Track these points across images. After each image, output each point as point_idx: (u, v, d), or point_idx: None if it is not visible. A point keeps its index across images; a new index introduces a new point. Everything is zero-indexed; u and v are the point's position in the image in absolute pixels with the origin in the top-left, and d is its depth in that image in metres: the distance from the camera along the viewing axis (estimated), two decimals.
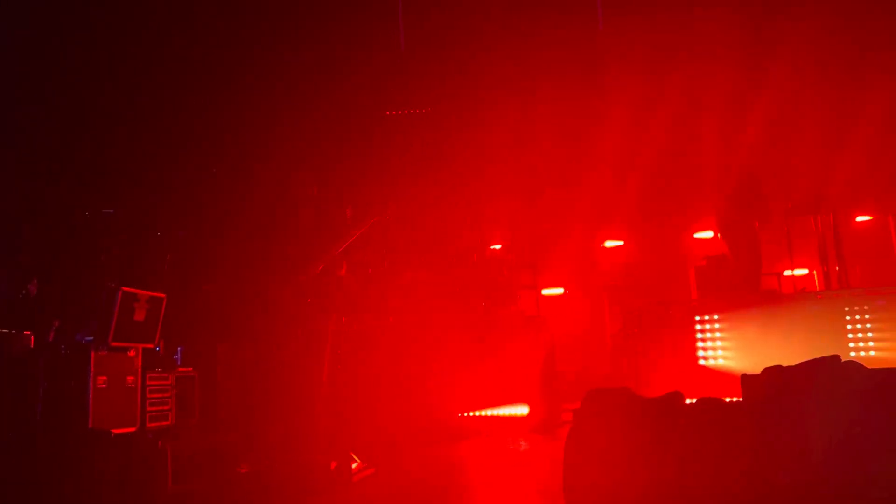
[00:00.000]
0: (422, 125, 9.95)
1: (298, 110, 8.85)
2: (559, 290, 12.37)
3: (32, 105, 7.25)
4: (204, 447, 6.67)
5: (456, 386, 7.35)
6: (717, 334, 7.23)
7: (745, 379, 3.33)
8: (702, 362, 7.18)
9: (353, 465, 4.57)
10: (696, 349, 7.22)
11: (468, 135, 9.73)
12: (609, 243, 12.51)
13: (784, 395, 3.11)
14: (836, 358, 3.26)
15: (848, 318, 7.02)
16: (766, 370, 3.24)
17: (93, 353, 7.22)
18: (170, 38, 7.53)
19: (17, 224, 7.60)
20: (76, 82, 7.26)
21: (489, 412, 7.21)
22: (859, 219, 10.50)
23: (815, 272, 10.22)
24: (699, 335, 7.27)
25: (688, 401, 3.49)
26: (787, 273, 9.47)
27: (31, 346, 7.17)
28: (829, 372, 3.19)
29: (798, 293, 8.64)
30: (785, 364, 3.37)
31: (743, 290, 8.10)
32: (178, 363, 8.45)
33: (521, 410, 7.11)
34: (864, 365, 3.23)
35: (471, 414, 7.23)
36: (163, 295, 8.01)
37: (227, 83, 8.15)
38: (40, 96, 7.20)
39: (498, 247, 9.34)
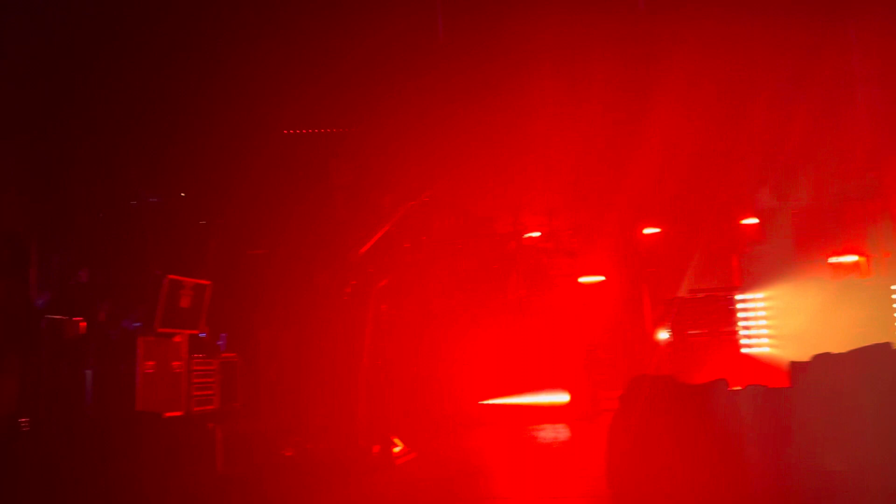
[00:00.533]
0: (460, 111, 9.90)
1: (335, 100, 8.89)
2: (599, 278, 12.28)
3: (83, 99, 7.41)
4: (248, 431, 6.81)
5: (494, 373, 7.36)
6: (762, 322, 7.11)
7: (794, 366, 3.27)
8: (745, 350, 7.08)
9: (396, 449, 4.61)
10: (739, 337, 7.11)
11: (509, 119, 9.65)
12: (648, 230, 12.37)
13: (835, 381, 3.05)
14: (887, 345, 3.19)
15: None
16: (816, 357, 3.19)
17: (140, 339, 7.41)
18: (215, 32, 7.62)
19: (68, 214, 7.80)
20: (126, 74, 7.40)
21: (528, 399, 7.21)
22: None
23: (862, 259, 9.95)
24: (742, 323, 7.16)
25: (733, 388, 3.45)
26: (833, 260, 9.25)
27: (82, 331, 7.38)
28: (880, 359, 3.13)
29: (845, 280, 8.45)
30: (834, 352, 3.31)
31: (786, 277, 7.97)
32: (223, 349, 8.62)
33: (562, 398, 7.09)
34: None
35: (508, 401, 7.23)
36: (208, 282, 8.16)
37: (266, 73, 8.22)
38: (91, 91, 7.37)
39: (537, 234, 9.28)
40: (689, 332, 7.00)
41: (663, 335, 7.46)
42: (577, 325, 7.36)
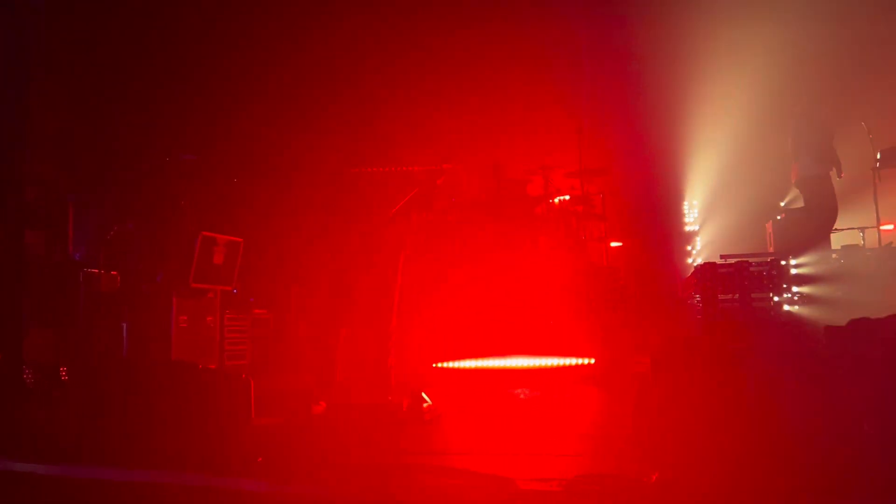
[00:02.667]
0: (485, 76, 9.80)
1: (359, 67, 8.83)
2: (621, 244, 12.22)
3: (121, 52, 7.47)
4: (279, 387, 6.95)
5: (520, 335, 7.36)
6: (795, 288, 7.03)
7: (829, 331, 3.24)
8: (776, 315, 7.01)
9: (424, 406, 4.67)
10: (771, 303, 7.05)
11: (535, 78, 9.54)
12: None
13: (871, 347, 3.02)
14: None
15: None
16: (852, 322, 3.15)
17: (175, 294, 7.56)
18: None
19: (105, 169, 7.93)
20: (161, 28, 7.44)
21: (554, 361, 7.20)
22: None
23: None
24: (774, 289, 7.08)
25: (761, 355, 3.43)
26: (871, 228, 9.08)
27: (118, 285, 7.55)
28: None
29: (884, 247, 8.29)
30: (872, 317, 3.27)
31: (820, 244, 7.85)
32: (254, 305, 8.77)
33: (588, 360, 7.08)
34: None
35: (534, 362, 7.20)
36: (240, 239, 8.27)
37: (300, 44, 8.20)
38: (128, 45, 7.42)
39: (566, 197, 9.21)
40: (720, 297, 6.94)
41: (694, 300, 7.40)
42: (607, 289, 7.33)
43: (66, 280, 6.99)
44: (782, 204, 10.37)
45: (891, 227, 10.33)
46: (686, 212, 12.94)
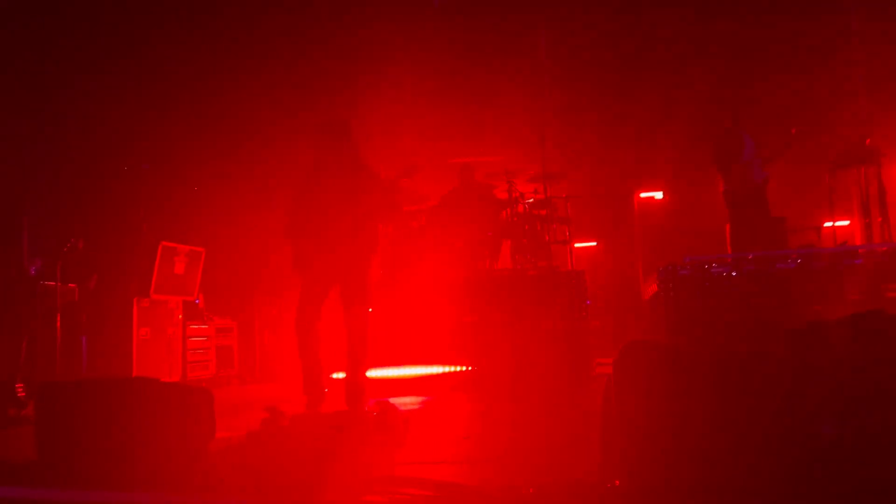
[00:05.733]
0: (447, 75, 9.80)
1: (322, 73, 8.79)
2: (592, 244, 12.33)
3: (75, 63, 7.31)
4: (244, 397, 6.87)
5: (488, 339, 7.36)
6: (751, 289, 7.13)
7: (788, 334, 3.28)
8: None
9: (396, 413, 4.65)
10: (730, 304, 7.14)
11: (500, 78, 9.58)
12: (644, 194, 12.40)
13: (825, 349, 3.07)
14: (881, 312, 3.20)
15: None
16: (809, 324, 3.20)
17: (135, 306, 7.43)
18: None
19: (60, 181, 7.75)
20: (115, 37, 7.30)
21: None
22: None
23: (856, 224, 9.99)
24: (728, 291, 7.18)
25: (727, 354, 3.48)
26: (827, 225, 9.28)
27: (76, 298, 7.39)
28: (872, 327, 3.14)
29: (839, 247, 8.49)
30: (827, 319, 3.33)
31: (771, 245, 7.97)
32: (218, 315, 8.65)
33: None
34: None
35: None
36: (201, 249, 8.16)
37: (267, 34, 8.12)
38: (82, 56, 7.26)
39: (531, 201, 9.25)
40: (686, 299, 7.03)
41: (657, 301, 7.49)
42: (570, 292, 7.37)
43: (22, 294, 6.83)
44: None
45: (847, 222, 10.59)
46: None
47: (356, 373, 5.10)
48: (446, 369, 7.03)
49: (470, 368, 7.00)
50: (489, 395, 6.62)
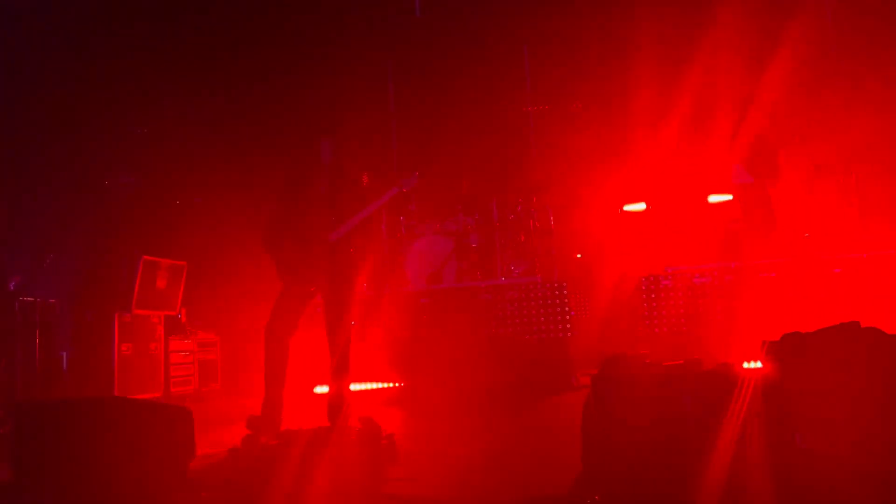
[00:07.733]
0: (439, 84, 9.84)
1: (313, 74, 8.79)
2: (577, 256, 12.34)
3: (52, 77, 7.27)
4: (228, 411, 6.81)
5: (472, 352, 7.35)
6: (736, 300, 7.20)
7: (766, 346, 3.29)
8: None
9: (380, 429, 4.65)
10: (716, 314, 7.19)
11: (484, 90, 9.62)
12: (628, 207, 12.42)
13: (803, 362, 3.09)
14: (854, 324, 3.22)
15: None
16: (786, 336, 3.22)
17: (117, 321, 7.36)
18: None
19: (40, 194, 7.68)
20: (92, 49, 7.26)
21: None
22: None
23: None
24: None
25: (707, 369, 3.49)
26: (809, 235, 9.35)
27: (57, 313, 7.30)
28: (848, 339, 3.16)
29: (818, 255, 8.57)
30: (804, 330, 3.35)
31: (760, 253, 8.04)
32: (200, 329, 8.58)
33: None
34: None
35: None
36: (183, 263, 8.11)
37: (242, 50, 8.11)
38: (59, 68, 7.22)
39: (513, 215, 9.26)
40: (666, 309, 7.06)
41: (639, 312, 7.52)
42: (556, 303, 7.38)
43: (0, 310, 6.74)
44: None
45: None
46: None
47: (340, 387, 5.07)
48: (378, 385, 7.06)
49: (401, 385, 7.01)
50: (422, 410, 6.57)
